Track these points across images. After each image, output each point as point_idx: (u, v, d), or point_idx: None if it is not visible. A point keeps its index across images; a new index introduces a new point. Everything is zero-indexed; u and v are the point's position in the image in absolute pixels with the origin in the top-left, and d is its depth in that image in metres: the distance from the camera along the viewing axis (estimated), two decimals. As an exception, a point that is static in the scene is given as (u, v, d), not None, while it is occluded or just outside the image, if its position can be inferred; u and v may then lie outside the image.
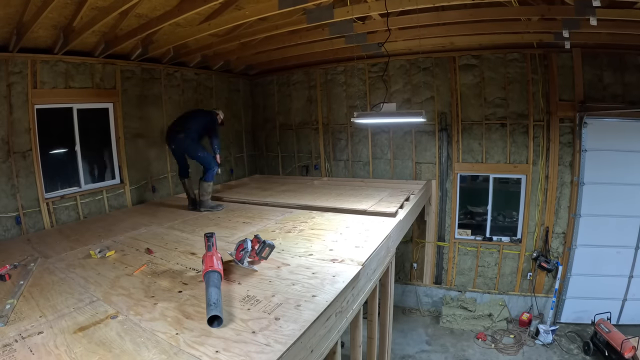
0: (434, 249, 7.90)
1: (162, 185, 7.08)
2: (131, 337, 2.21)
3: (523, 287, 7.33)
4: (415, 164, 7.89)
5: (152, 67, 6.79)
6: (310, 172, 8.96)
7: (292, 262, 3.34)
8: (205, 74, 8.04)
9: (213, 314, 2.19)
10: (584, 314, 6.80)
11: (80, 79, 5.71)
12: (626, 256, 6.62)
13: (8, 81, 4.86)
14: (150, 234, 4.49)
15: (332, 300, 2.59)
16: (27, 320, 2.47)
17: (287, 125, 9.21)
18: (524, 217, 7.17)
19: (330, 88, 8.53)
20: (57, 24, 4.74)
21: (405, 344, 6.92)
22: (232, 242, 4.00)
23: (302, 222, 4.76)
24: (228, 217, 5.23)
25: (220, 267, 2.77)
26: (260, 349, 2.01)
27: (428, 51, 7.13)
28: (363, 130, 8.24)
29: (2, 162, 4.83)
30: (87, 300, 2.73)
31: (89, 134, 5.95)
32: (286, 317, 2.35)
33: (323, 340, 2.48)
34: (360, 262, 3.30)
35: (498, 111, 7.16)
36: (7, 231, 4.83)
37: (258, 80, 9.49)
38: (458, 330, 7.25)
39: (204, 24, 5.17)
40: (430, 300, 8.05)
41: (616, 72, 6.39)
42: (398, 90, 7.78)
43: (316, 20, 4.91)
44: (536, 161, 6.96)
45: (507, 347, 6.60)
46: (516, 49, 6.82)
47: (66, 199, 5.54)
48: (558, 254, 7.00)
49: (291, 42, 6.30)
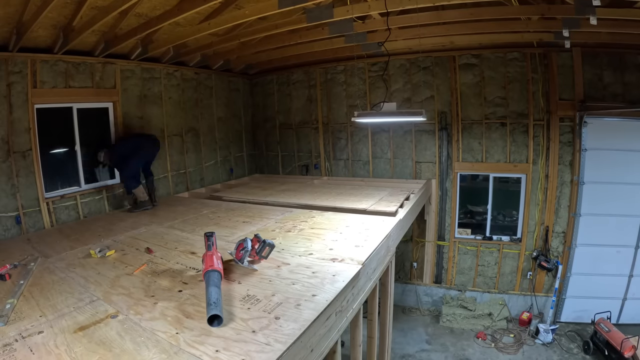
0: (434, 248, 7.90)
1: (162, 184, 7.07)
2: (131, 336, 2.21)
3: (523, 286, 7.34)
4: (415, 163, 7.89)
5: (152, 66, 6.79)
6: (310, 171, 8.96)
7: (292, 262, 3.35)
8: (205, 73, 8.04)
9: (213, 313, 2.20)
10: (584, 313, 6.80)
11: (80, 79, 5.71)
12: (626, 255, 6.62)
13: (8, 81, 4.86)
14: (150, 234, 4.50)
15: (332, 299, 2.59)
16: (28, 319, 2.47)
17: (287, 125, 9.20)
18: (524, 216, 7.17)
19: (330, 87, 8.52)
20: (57, 24, 4.74)
21: (405, 343, 6.92)
22: (232, 241, 4.00)
23: (302, 222, 4.76)
24: (228, 216, 5.23)
25: (221, 267, 2.77)
26: (260, 348, 2.01)
27: (428, 50, 7.12)
28: (363, 130, 8.24)
29: (2, 161, 4.83)
30: (87, 300, 2.73)
31: (89, 133, 5.95)
32: (286, 316, 2.35)
33: (323, 339, 2.49)
34: (360, 261, 3.30)
35: (498, 110, 7.16)
36: (7, 231, 4.83)
37: (258, 79, 9.48)
38: (458, 329, 7.25)
39: (203, 24, 5.17)
40: (430, 299, 8.05)
41: (616, 71, 6.39)
42: (398, 89, 7.78)
43: (316, 19, 4.90)
44: (536, 160, 6.96)
45: (507, 346, 6.60)
46: (516, 48, 6.82)
47: (66, 199, 5.54)
48: (558, 253, 7.00)
49: (291, 41, 6.30)
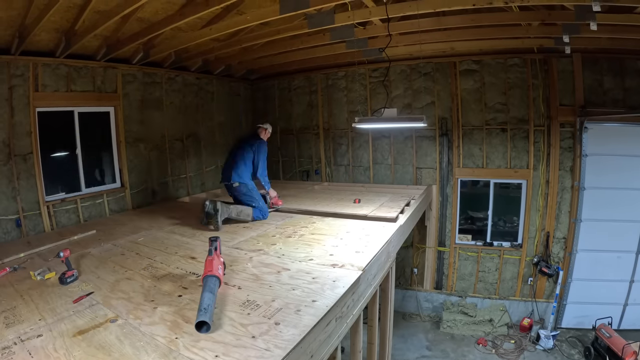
0: (435, 254, 7.88)
1: (163, 189, 7.08)
2: (130, 341, 2.20)
3: (524, 292, 7.31)
4: (415, 169, 7.89)
5: (154, 71, 6.82)
6: (310, 177, 8.96)
7: (292, 267, 3.34)
8: (206, 78, 8.07)
9: (200, 319, 2.19)
10: (584, 319, 6.77)
11: (82, 83, 5.73)
12: (627, 261, 6.60)
13: (10, 84, 4.88)
14: (150, 238, 4.49)
15: (332, 305, 2.58)
16: (27, 323, 2.46)
17: (288, 130, 9.21)
18: (524, 222, 7.16)
19: (331, 93, 8.55)
20: (59, 28, 4.76)
21: (406, 349, 6.88)
22: (233, 246, 4.02)
23: (303, 227, 4.75)
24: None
25: (221, 272, 2.76)
26: (260, 354, 2.01)
27: (429, 56, 7.16)
28: (364, 135, 8.25)
29: (3, 164, 4.83)
30: (86, 304, 2.73)
31: (90, 137, 5.96)
32: (286, 322, 2.34)
33: (323, 345, 2.47)
34: (361, 267, 3.29)
35: (498, 116, 7.17)
36: (7, 234, 4.83)
37: (259, 84, 9.51)
38: (458, 335, 7.21)
39: (205, 29, 5.19)
40: (431, 305, 8.02)
41: (616, 76, 6.40)
42: (399, 95, 7.80)
43: (317, 25, 4.93)
44: (537, 166, 6.96)
45: (507, 352, 6.56)
46: (516, 54, 6.84)
47: (67, 202, 5.54)
48: (559, 259, 6.98)
49: (292, 47, 6.32)
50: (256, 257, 3.66)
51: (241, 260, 3.57)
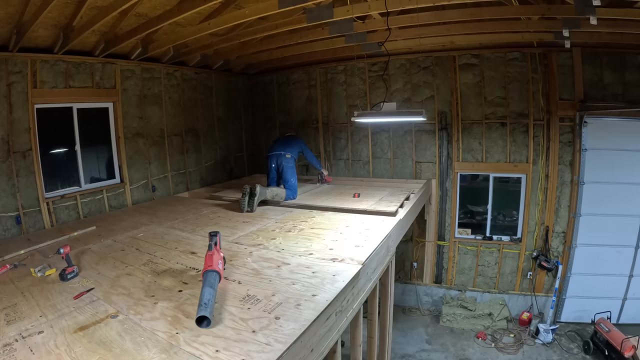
0: (434, 248, 7.90)
1: (162, 184, 7.08)
2: (131, 336, 2.21)
3: (523, 286, 7.34)
4: (415, 163, 7.89)
5: (152, 66, 6.79)
6: (310, 171, 8.95)
7: (292, 261, 3.35)
8: (205, 73, 8.04)
9: (201, 314, 2.20)
10: (584, 313, 6.80)
11: (80, 79, 5.70)
12: (626, 255, 6.61)
13: (8, 81, 4.85)
14: (150, 234, 4.50)
15: (332, 299, 2.59)
16: (28, 319, 2.47)
17: (287, 125, 9.18)
18: (524, 216, 7.17)
19: (330, 87, 8.52)
20: (57, 24, 4.73)
21: (406, 343, 6.92)
22: (233, 241, 4.02)
23: (302, 222, 4.76)
24: (228, 216, 5.23)
25: (221, 267, 2.77)
26: (260, 348, 2.01)
27: (428, 50, 7.12)
28: (363, 130, 8.24)
29: (2, 161, 4.83)
30: (87, 300, 2.73)
31: (89, 133, 5.95)
32: (286, 316, 2.35)
33: (323, 339, 2.49)
34: (361, 261, 3.30)
35: (498, 110, 7.15)
36: (7, 231, 4.83)
37: (258, 79, 9.48)
38: (458, 329, 7.25)
39: (203, 23, 5.16)
40: (431, 299, 8.05)
41: (616, 71, 6.38)
42: (398, 89, 7.78)
43: (316, 19, 4.90)
44: (536, 160, 6.96)
45: (507, 346, 6.60)
46: (516, 48, 6.81)
47: (66, 199, 5.54)
48: (558, 253, 7.00)
49: (291, 41, 6.29)
50: (256, 251, 3.67)
51: (241, 254, 3.58)
